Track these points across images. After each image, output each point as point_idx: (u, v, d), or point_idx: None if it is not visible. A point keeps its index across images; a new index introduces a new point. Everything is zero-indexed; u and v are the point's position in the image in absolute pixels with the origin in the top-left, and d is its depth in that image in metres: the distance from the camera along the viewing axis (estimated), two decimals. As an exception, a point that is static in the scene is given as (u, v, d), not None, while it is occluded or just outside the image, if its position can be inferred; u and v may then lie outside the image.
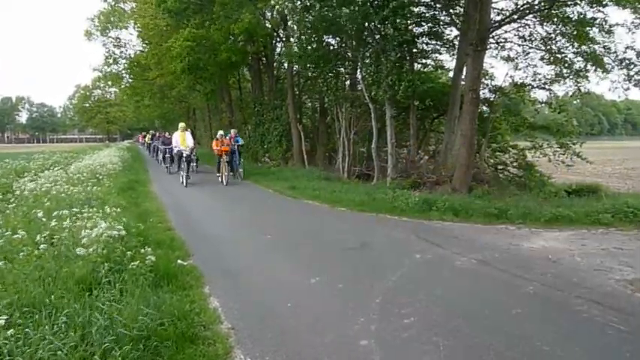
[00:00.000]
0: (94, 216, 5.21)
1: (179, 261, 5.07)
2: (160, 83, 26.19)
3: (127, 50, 30.15)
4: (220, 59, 16.77)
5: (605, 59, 11.57)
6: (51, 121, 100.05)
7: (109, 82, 37.22)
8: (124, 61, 30.07)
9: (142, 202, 9.72)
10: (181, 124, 14.31)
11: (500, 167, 13.79)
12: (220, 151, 13.61)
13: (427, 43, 14.60)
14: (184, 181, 13.27)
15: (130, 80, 31.37)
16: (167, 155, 17.89)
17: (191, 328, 3.48)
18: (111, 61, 30.25)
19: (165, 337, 3.22)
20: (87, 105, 76.01)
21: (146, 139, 33.53)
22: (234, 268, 5.25)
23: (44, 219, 5.17)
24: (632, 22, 10.57)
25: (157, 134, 28.57)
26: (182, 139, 13.80)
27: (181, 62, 16.93)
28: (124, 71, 30.76)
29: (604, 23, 11.20)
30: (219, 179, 13.67)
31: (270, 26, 18.96)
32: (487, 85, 13.89)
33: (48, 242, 4.46)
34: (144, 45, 28.20)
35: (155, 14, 20.43)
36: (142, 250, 4.46)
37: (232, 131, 15.58)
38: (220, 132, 14.88)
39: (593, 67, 11.75)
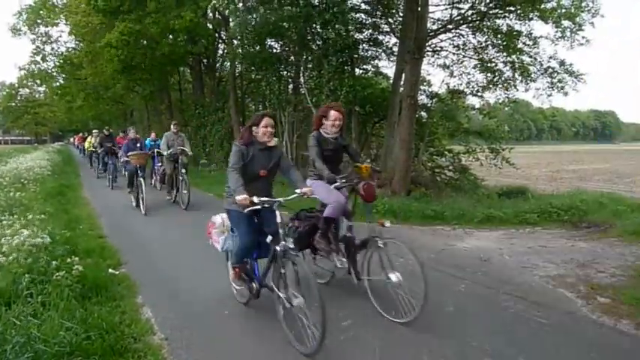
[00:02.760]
0: (15, 223, 4.85)
1: (110, 270, 4.84)
2: (94, 83, 24.84)
3: (58, 47, 28.41)
4: (160, 54, 16.09)
5: (531, 68, 12.39)
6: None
7: (38, 81, 34.87)
8: (55, 58, 28.30)
9: (71, 208, 9.16)
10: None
11: (437, 170, 14.32)
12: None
13: (367, 50, 14.92)
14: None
15: (61, 79, 29.54)
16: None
17: (120, 340, 3.29)
18: (39, 58, 28.38)
19: (92, 352, 3.03)
20: (13, 104, 70.57)
21: (89, 142, 20.34)
22: (170, 276, 5.07)
23: (-43, 228, 4.74)
24: (554, 35, 11.43)
25: (109, 135, 15.33)
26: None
27: (114, 61, 16.17)
28: (54, 70, 28.93)
29: (530, 35, 12.01)
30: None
31: (211, 27, 18.61)
32: (425, 91, 14.42)
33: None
34: (76, 42, 26.70)
35: (87, 11, 19.39)
36: (69, 260, 4.19)
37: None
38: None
39: (520, 77, 12.53)
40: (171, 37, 15.69)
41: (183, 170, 9.81)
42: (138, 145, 10.39)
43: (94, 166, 18.25)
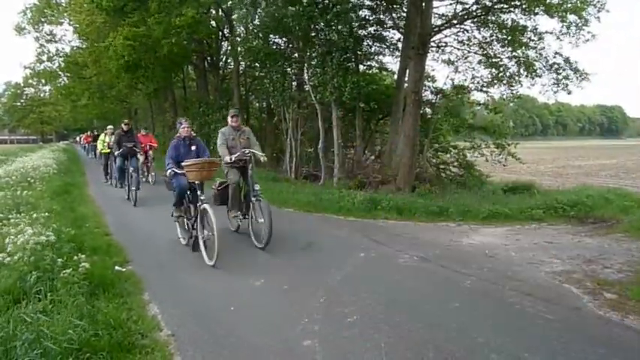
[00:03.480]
0: (22, 222, 4.87)
1: (117, 267, 4.86)
2: (99, 82, 24.92)
3: (63, 47, 28.50)
4: (162, 54, 16.11)
5: (537, 64, 12.30)
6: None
7: (43, 80, 35.01)
8: (60, 58, 28.38)
9: (77, 206, 9.19)
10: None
11: (441, 167, 14.27)
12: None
13: (371, 46, 14.87)
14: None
15: (66, 78, 29.64)
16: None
17: (127, 337, 3.30)
18: (44, 58, 28.48)
19: (99, 349, 3.03)
20: (18, 104, 70.93)
21: (102, 141, 14.55)
22: (175, 273, 5.08)
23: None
24: (560, 30, 11.32)
25: (128, 131, 11.22)
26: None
27: (118, 61, 16.20)
28: (59, 70, 29.03)
29: (535, 30, 11.92)
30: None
31: (215, 24, 18.60)
32: (429, 87, 14.37)
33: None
34: (81, 41, 26.77)
35: (91, 10, 19.41)
36: (75, 257, 4.20)
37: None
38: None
39: (526, 72, 12.44)
40: (174, 38, 15.67)
41: (257, 187, 6.17)
42: (193, 148, 6.18)
43: (111, 176, 12.98)
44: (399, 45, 13.66)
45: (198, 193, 5.58)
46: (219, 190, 6.69)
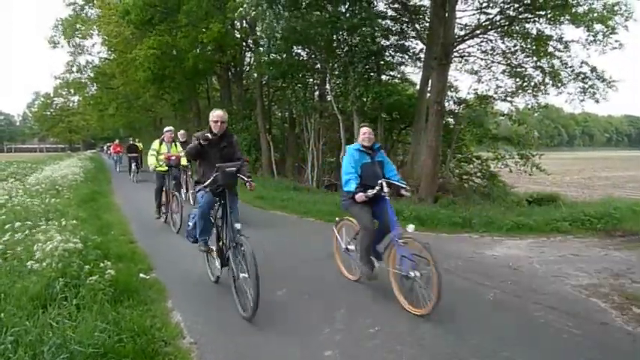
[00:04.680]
0: (51, 229, 5.02)
1: (141, 275, 4.96)
2: (125, 92, 25.60)
3: (92, 59, 29.49)
4: (186, 67, 16.50)
5: (563, 73, 12.12)
6: (8, 129, 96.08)
7: (72, 90, 36.17)
8: (88, 70, 29.36)
9: (103, 214, 9.43)
10: None
11: (464, 177, 14.14)
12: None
13: (394, 56, 14.90)
14: None
15: (94, 89, 30.61)
16: None
17: (151, 344, 3.38)
18: (74, 69, 29.48)
19: (124, 354, 3.10)
20: (48, 113, 73.05)
21: (155, 152, 8.61)
22: (198, 282, 5.15)
23: (-2, 233, 4.93)
24: (586, 39, 11.15)
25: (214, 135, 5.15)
26: None
27: (145, 72, 16.63)
28: (88, 80, 30.01)
29: (560, 39, 11.77)
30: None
31: (239, 36, 18.93)
32: (452, 97, 14.33)
33: (1, 257, 4.27)
34: (109, 52, 27.61)
35: (120, 22, 20.05)
36: (101, 264, 4.31)
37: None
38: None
39: (551, 82, 12.27)
40: (199, 49, 16.03)
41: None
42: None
43: (168, 209, 8.60)
44: (422, 55, 13.66)
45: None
46: None
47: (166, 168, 8.43)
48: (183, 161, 8.98)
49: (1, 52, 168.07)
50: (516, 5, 11.19)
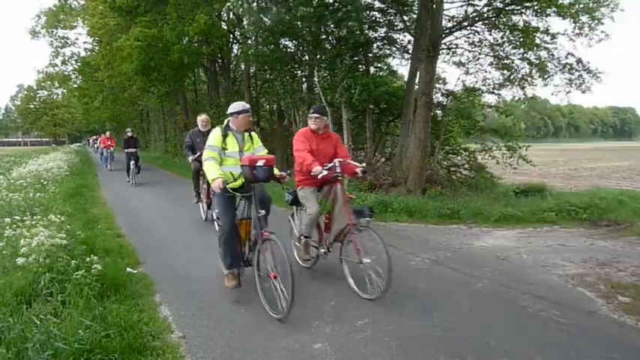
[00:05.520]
0: (36, 224, 4.93)
1: (128, 269, 4.88)
2: (111, 84, 25.23)
3: (78, 51, 28.94)
4: (172, 59, 16.26)
5: (549, 65, 12.20)
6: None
7: (56, 83, 35.56)
8: (73, 62, 28.82)
9: (89, 208, 9.30)
10: None
11: (452, 169, 14.17)
12: None
13: (381, 48, 14.85)
14: None
15: (79, 81, 30.07)
16: None
17: (139, 338, 3.32)
18: (58, 62, 28.92)
19: (111, 350, 3.06)
20: (31, 106, 71.93)
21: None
22: (187, 275, 5.09)
23: (-21, 229, 4.83)
24: (572, 31, 11.22)
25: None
26: None
27: (132, 63, 16.36)
28: (72, 73, 29.47)
29: (547, 31, 11.82)
30: None
31: (226, 27, 18.72)
32: (440, 89, 14.29)
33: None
34: (94, 44, 27.15)
35: (104, 13, 19.69)
36: (88, 259, 4.24)
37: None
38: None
39: (538, 73, 12.34)
40: (185, 41, 15.79)
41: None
42: None
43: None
44: (409, 47, 13.63)
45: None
46: None
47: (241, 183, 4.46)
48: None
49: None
50: (503, -3, 11.21)
